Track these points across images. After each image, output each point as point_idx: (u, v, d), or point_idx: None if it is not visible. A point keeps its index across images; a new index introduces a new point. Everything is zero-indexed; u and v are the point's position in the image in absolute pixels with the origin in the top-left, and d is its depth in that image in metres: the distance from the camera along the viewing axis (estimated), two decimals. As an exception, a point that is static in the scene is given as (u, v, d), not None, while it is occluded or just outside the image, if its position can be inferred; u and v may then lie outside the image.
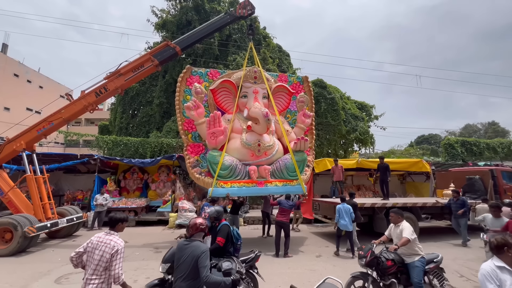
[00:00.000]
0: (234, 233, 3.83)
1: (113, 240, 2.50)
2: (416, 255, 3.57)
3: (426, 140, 40.88)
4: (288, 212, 6.45)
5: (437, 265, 3.78)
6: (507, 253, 1.94)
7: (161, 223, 10.20)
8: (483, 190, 9.03)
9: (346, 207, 6.40)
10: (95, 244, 2.46)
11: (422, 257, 3.56)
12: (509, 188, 9.20)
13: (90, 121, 35.52)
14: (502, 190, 9.05)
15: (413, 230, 3.64)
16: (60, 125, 7.84)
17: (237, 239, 3.83)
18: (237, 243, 3.81)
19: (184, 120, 7.04)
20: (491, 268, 1.95)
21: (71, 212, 8.14)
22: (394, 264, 3.59)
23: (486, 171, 9.39)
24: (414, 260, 3.54)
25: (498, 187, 9.03)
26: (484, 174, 9.33)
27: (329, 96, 15.06)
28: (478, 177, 9.33)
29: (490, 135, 34.34)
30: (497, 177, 9.13)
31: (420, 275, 3.46)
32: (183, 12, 16.58)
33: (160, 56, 7.78)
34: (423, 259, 3.56)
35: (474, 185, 9.21)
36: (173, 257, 3.04)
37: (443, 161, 15.65)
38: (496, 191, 9.00)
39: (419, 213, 7.96)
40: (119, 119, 17.11)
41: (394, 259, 3.62)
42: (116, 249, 2.43)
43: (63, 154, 12.04)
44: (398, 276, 3.56)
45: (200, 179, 6.69)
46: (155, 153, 12.79)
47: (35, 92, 31.63)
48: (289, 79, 8.32)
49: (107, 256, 2.40)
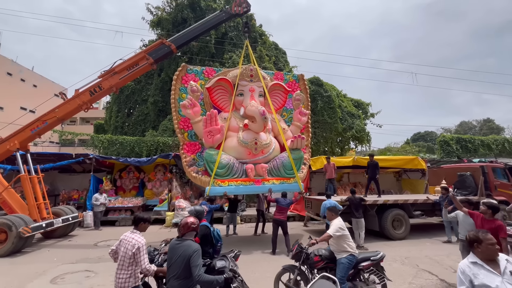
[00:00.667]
0: (214, 234, 3.72)
1: (134, 239, 2.70)
2: (344, 252, 3.60)
3: (422, 137, 41.21)
4: (286, 210, 6.48)
5: (373, 263, 3.76)
6: (477, 248, 1.98)
7: (158, 222, 10.17)
8: (474, 187, 9.07)
9: (332, 203, 6.42)
10: (122, 242, 2.74)
11: (350, 255, 3.58)
12: (500, 185, 9.28)
13: (86, 120, 35.18)
14: (493, 186, 9.11)
15: (342, 227, 3.64)
16: (54, 124, 7.76)
17: (217, 240, 3.71)
18: (217, 245, 3.70)
19: (180, 118, 7.01)
20: (466, 264, 1.99)
21: (67, 212, 8.09)
22: (321, 260, 3.72)
23: (477, 168, 9.41)
24: (341, 257, 3.59)
25: (489, 183, 9.09)
26: (475, 170, 9.36)
27: (326, 94, 15.09)
28: (469, 174, 9.37)
29: (485, 132, 34.73)
30: (487, 174, 9.20)
31: (344, 272, 3.49)
32: (179, 10, 16.45)
33: (155, 54, 7.72)
34: (351, 257, 3.58)
35: (465, 182, 9.23)
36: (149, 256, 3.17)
37: (438, 158, 15.79)
38: (487, 187, 9.04)
39: (410, 210, 8.02)
40: (115, 118, 16.98)
41: (321, 254, 3.76)
42: (137, 246, 2.63)
43: (58, 154, 11.91)
44: (327, 271, 3.62)
45: (197, 178, 6.68)
46: (151, 152, 12.73)
47: (28, 91, 31.23)
48: (285, 77, 8.32)
49: (129, 253, 2.63)
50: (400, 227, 7.65)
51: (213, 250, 3.65)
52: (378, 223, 7.56)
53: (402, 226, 7.66)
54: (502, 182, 9.41)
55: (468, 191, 8.98)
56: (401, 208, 7.80)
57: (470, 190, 9.00)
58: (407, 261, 5.66)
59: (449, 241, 7.22)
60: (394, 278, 4.80)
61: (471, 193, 8.89)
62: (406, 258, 5.84)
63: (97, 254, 6.35)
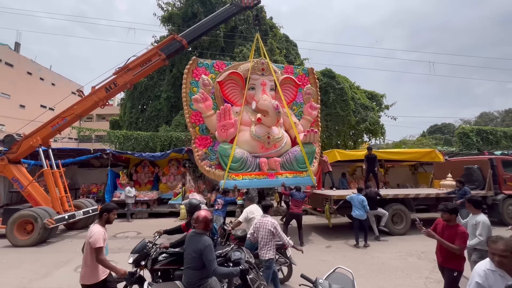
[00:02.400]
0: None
1: (269, 220, 3.57)
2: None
3: (439, 129, 39.72)
4: (301, 203, 6.58)
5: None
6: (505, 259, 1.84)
7: (173, 215, 10.44)
8: (481, 180, 8.59)
9: (360, 197, 6.41)
10: (259, 225, 3.57)
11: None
12: (510, 178, 8.78)
13: (101, 116, 36.23)
14: (502, 180, 8.63)
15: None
16: (73, 121, 8.06)
17: (213, 233, 3.59)
18: (213, 238, 3.52)
19: (192, 112, 7.06)
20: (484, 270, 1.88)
21: (87, 205, 8.45)
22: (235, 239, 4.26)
23: (485, 161, 8.89)
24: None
25: (498, 177, 8.60)
26: (483, 163, 8.80)
27: (338, 86, 14.77)
28: (476, 167, 8.84)
29: (508, 123, 33.04)
30: (496, 167, 8.69)
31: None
32: (189, 5, 16.45)
33: (167, 50, 7.79)
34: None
35: (472, 175, 8.71)
36: (141, 249, 3.21)
37: (457, 150, 15.22)
38: (496, 180, 8.57)
39: (411, 205, 7.69)
40: (129, 114, 17.39)
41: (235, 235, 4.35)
42: (274, 225, 3.50)
43: (77, 149, 12.40)
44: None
45: (211, 172, 6.77)
46: (165, 147, 12.99)
47: (48, 89, 32.45)
48: (295, 71, 8.22)
49: (267, 232, 3.47)
50: (401, 222, 7.37)
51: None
52: (374, 217, 7.29)
53: (403, 221, 7.39)
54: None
55: (475, 185, 8.53)
56: (401, 202, 7.52)
57: (478, 184, 8.55)
58: (423, 255, 5.56)
59: None
60: (411, 272, 4.74)
61: (479, 187, 8.47)
62: (423, 252, 5.73)
63: (117, 244, 6.62)
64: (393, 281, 4.40)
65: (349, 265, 4.99)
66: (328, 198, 7.41)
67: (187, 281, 2.52)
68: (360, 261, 5.31)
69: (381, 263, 5.21)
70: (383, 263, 5.18)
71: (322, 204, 7.74)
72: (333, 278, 2.68)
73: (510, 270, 1.83)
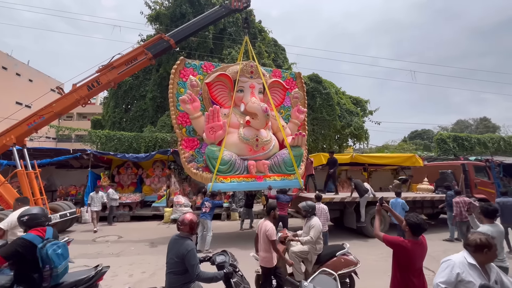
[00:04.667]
0: (42, 253, 2.34)
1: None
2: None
3: (419, 135, 41.42)
4: (286, 206, 6.59)
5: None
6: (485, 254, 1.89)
7: (156, 218, 10.16)
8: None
9: (399, 201, 6.55)
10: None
11: None
12: (480, 182, 9.25)
13: (83, 115, 34.85)
14: (473, 184, 9.08)
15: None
16: (51, 119, 7.67)
17: (45, 262, 2.35)
18: (44, 269, 2.36)
19: (178, 113, 6.93)
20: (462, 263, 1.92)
21: (64, 208, 8.04)
22: None
23: (458, 166, 9.34)
24: None
25: (470, 181, 9.05)
26: (456, 168, 9.28)
27: (324, 91, 15.08)
28: (450, 172, 9.28)
29: (481, 131, 35.01)
30: (468, 171, 9.15)
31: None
32: (177, 5, 16.26)
33: (153, 49, 7.63)
34: None
35: (446, 179, 9.13)
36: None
37: (435, 156, 15.91)
38: (467, 185, 9.01)
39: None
40: (112, 113, 16.85)
41: None
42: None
43: (55, 149, 11.81)
44: None
45: (198, 174, 6.65)
46: (150, 148, 12.67)
47: (24, 85, 30.78)
48: (283, 75, 8.33)
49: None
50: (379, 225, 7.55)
51: (39, 276, 2.36)
52: (356, 220, 7.41)
53: (381, 224, 7.61)
54: (483, 180, 9.38)
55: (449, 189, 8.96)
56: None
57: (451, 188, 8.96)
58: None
59: (450, 240, 7.25)
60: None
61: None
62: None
63: (95, 249, 6.34)
64: (377, 282, 4.49)
65: (334, 267, 5.04)
66: None
67: (169, 286, 2.46)
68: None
69: (365, 264, 5.31)
70: (367, 265, 5.28)
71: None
72: (318, 280, 2.70)
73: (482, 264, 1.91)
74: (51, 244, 2.40)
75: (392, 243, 2.45)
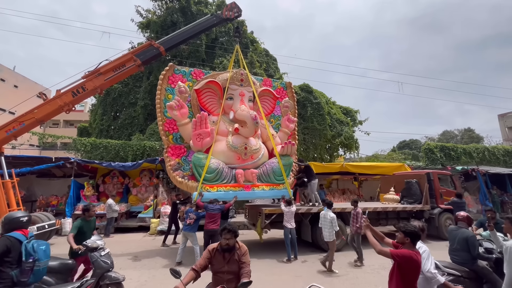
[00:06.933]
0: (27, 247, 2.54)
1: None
2: None
3: (407, 145, 42.29)
4: (218, 217, 5.74)
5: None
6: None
7: (142, 230, 9.77)
8: (419, 194, 8.56)
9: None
10: None
11: None
12: (445, 192, 8.95)
13: (69, 122, 33.91)
14: (438, 194, 8.77)
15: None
16: (32, 126, 7.34)
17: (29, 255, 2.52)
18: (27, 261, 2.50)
19: (165, 120, 6.78)
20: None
21: (43, 219, 7.60)
22: None
23: (422, 175, 8.92)
24: None
25: (434, 191, 8.72)
26: (421, 178, 8.85)
27: (315, 101, 15.23)
28: (415, 181, 8.85)
29: (466, 141, 36.09)
30: (433, 181, 8.81)
31: None
32: (169, 13, 16.33)
33: (143, 56, 7.51)
34: None
35: (411, 189, 8.72)
36: None
37: (423, 165, 16.16)
38: (432, 195, 8.65)
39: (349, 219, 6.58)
40: (99, 121, 16.44)
41: None
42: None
43: (37, 157, 11.30)
44: None
45: (183, 183, 6.44)
46: (137, 157, 12.33)
47: (9, 91, 29.83)
48: (273, 84, 8.36)
49: None
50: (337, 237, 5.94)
51: (19, 271, 2.48)
52: (312, 233, 6.87)
53: (338, 236, 6.18)
54: (448, 189, 9.13)
55: (414, 199, 8.57)
56: (339, 217, 6.76)
57: (415, 198, 8.55)
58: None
59: None
60: (385, 286, 4.72)
61: (416, 201, 8.48)
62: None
63: (74, 264, 5.94)
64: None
65: (323, 280, 4.90)
66: (261, 212, 6.74)
67: None
68: (334, 275, 5.25)
69: (355, 277, 5.18)
70: (357, 277, 5.15)
71: (257, 218, 7.09)
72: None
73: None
74: (36, 241, 2.65)
75: (404, 257, 2.27)
